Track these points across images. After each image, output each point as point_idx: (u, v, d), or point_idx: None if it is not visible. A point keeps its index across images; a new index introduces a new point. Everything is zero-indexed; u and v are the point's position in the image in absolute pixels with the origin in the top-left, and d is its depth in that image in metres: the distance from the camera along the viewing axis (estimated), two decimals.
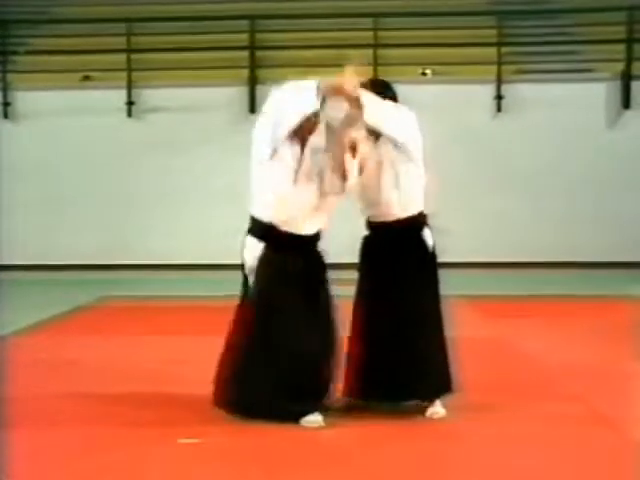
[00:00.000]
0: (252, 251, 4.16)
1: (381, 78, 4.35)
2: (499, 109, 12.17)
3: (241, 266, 4.27)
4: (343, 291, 4.41)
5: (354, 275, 4.49)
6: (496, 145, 12.14)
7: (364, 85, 4.19)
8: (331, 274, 4.36)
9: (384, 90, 4.31)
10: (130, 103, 12.31)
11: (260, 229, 4.15)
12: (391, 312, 4.24)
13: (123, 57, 12.44)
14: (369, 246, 4.43)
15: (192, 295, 9.37)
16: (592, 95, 12.07)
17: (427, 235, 4.33)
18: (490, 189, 12.12)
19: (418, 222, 4.32)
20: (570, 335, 6.73)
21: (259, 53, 12.52)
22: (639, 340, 6.14)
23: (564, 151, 12.05)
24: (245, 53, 12.42)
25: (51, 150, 12.32)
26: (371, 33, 12.33)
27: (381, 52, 12.25)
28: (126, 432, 4.08)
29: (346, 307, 4.44)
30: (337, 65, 13.78)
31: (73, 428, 4.15)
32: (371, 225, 4.42)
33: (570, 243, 11.86)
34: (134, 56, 12.53)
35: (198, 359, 5.79)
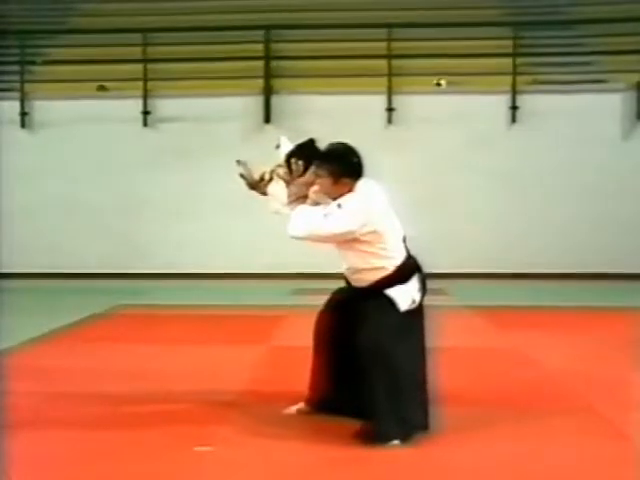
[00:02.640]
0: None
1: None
2: (514, 120, 12.16)
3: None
4: None
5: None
6: (511, 155, 12.13)
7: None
8: None
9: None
10: (146, 113, 12.39)
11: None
12: None
13: (139, 67, 12.53)
14: None
15: (206, 304, 9.37)
16: (607, 106, 12.05)
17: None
18: (504, 199, 12.11)
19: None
20: (581, 345, 6.71)
21: (274, 63, 12.57)
22: None
23: (579, 162, 12.03)
24: (260, 63, 12.47)
25: (67, 159, 12.41)
26: (385, 44, 12.36)
27: (395, 63, 12.29)
28: (141, 439, 4.09)
29: None
30: (351, 75, 13.72)
31: (86, 433, 4.17)
32: None
33: (584, 254, 11.82)
34: (150, 66, 12.62)
35: (213, 368, 5.82)
